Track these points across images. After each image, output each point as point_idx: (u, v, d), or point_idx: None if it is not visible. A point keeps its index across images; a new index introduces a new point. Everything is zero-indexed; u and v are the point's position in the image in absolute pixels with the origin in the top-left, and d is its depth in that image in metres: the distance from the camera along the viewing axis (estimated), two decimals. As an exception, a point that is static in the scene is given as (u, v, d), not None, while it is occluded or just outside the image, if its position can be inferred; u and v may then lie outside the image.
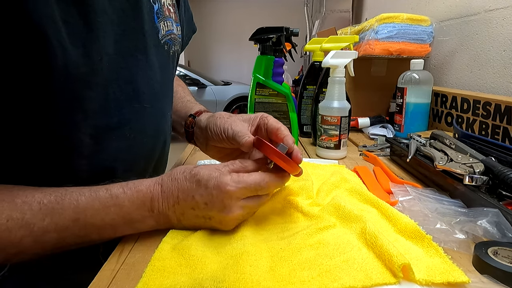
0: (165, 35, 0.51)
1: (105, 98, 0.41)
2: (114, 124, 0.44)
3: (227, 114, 0.53)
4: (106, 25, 0.39)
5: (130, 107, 0.46)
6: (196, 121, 0.58)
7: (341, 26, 1.48)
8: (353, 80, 1.02)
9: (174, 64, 0.59)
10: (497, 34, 0.83)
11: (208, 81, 5.03)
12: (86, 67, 0.37)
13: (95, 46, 0.38)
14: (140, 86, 0.47)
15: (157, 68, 0.50)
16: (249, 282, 0.31)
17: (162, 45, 0.51)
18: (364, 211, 0.46)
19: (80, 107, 0.39)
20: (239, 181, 0.39)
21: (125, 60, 0.43)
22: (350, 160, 0.75)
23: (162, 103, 0.54)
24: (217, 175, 0.39)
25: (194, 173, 0.40)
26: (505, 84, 0.81)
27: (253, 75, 0.75)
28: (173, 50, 0.55)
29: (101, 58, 0.39)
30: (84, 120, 0.40)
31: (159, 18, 0.49)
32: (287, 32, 0.74)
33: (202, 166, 0.41)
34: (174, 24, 0.54)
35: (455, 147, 0.57)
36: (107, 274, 0.34)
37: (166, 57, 0.53)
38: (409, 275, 0.32)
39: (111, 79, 0.42)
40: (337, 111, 0.72)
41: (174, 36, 0.55)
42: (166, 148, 0.60)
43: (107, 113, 0.43)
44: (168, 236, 0.41)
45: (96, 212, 0.37)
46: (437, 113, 0.93)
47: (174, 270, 0.35)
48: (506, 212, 0.40)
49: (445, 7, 1.05)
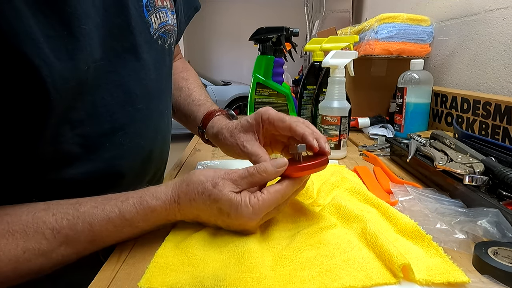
0: (158, 28, 0.48)
1: (93, 105, 0.40)
2: (106, 131, 0.42)
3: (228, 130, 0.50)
4: (92, 30, 0.37)
5: (123, 111, 0.43)
6: (206, 134, 0.57)
7: (341, 26, 1.48)
8: (353, 80, 1.02)
9: (171, 57, 0.55)
10: (497, 34, 0.83)
11: (208, 81, 5.03)
12: (74, 80, 0.35)
13: (82, 55, 0.36)
14: (132, 88, 0.44)
15: (151, 66, 0.47)
16: (250, 281, 0.32)
17: (155, 41, 0.48)
18: (364, 211, 0.46)
19: (66, 118, 0.37)
20: (260, 211, 0.37)
21: (112, 63, 0.41)
22: (350, 160, 0.75)
23: (158, 102, 0.51)
24: (237, 205, 0.37)
25: (214, 199, 0.37)
26: (505, 84, 0.81)
27: (253, 75, 0.75)
28: (169, 43, 0.52)
29: (88, 67, 0.37)
30: (70, 131, 0.38)
31: (150, 11, 0.46)
32: (287, 32, 0.74)
33: (220, 183, 0.37)
34: (169, 13, 0.51)
35: (455, 147, 0.57)
36: (107, 274, 0.35)
37: (160, 53, 0.50)
38: (409, 275, 0.32)
39: (98, 85, 0.40)
40: (337, 111, 0.72)
41: (170, 27, 0.51)
42: (165, 147, 0.58)
43: (97, 121, 0.41)
44: (171, 234, 0.41)
45: (111, 234, 0.37)
46: (437, 113, 0.93)
47: (176, 267, 0.35)
48: (506, 212, 0.40)
49: (445, 7, 1.05)
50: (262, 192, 0.38)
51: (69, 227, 0.35)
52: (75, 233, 0.35)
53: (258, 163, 0.39)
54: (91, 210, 0.36)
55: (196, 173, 0.39)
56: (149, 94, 0.48)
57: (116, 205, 0.37)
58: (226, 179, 0.38)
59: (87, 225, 0.35)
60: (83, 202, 0.37)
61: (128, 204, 0.37)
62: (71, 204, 0.36)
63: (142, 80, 0.46)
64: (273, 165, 0.38)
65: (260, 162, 0.41)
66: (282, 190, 0.38)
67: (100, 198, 0.38)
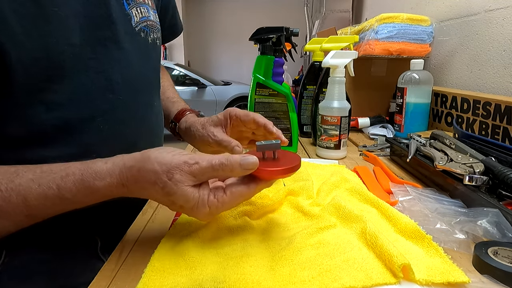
0: (140, 22, 0.49)
1: (73, 90, 0.40)
2: (85, 116, 0.42)
3: (200, 123, 0.55)
4: (69, 17, 0.38)
5: (103, 98, 0.44)
6: (178, 127, 0.60)
7: (341, 26, 1.48)
8: (353, 80, 1.02)
9: (158, 52, 0.57)
10: (497, 34, 0.83)
11: (208, 81, 5.03)
12: (46, 59, 0.36)
13: (55, 38, 0.36)
14: (113, 76, 0.45)
15: (133, 56, 0.48)
16: (250, 282, 0.32)
17: (137, 33, 0.49)
18: (364, 211, 0.46)
19: (41, 100, 0.37)
20: (217, 212, 0.35)
21: (93, 50, 0.42)
22: (350, 160, 0.75)
23: (144, 94, 0.52)
24: (193, 203, 0.34)
25: (168, 192, 0.34)
26: (505, 84, 0.81)
27: (253, 75, 0.75)
28: (152, 38, 0.53)
29: (63, 50, 0.38)
30: (47, 113, 0.38)
31: (130, 4, 0.48)
32: (287, 32, 0.74)
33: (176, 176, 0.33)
34: (150, 10, 0.53)
35: (455, 147, 0.57)
36: (107, 274, 0.35)
37: (143, 45, 0.51)
38: (409, 275, 0.32)
39: (78, 70, 0.40)
40: (337, 111, 0.72)
41: (152, 23, 0.53)
42: (155, 142, 0.57)
43: (77, 105, 0.41)
44: (166, 236, 0.41)
45: (49, 209, 0.35)
46: (437, 113, 0.93)
47: (173, 271, 0.35)
48: (506, 212, 0.40)
49: (445, 7, 1.05)
50: (224, 193, 0.35)
51: (2, 199, 0.33)
52: (9, 206, 0.33)
53: (226, 158, 0.35)
54: (27, 183, 0.34)
55: (151, 159, 0.34)
56: (132, 84, 0.49)
57: (54, 181, 0.34)
58: (185, 171, 0.34)
59: (22, 199, 0.33)
60: (21, 172, 0.34)
61: (68, 181, 0.34)
62: (9, 174, 0.34)
63: (124, 69, 0.47)
64: (241, 165, 0.34)
65: (231, 146, 0.44)
66: (247, 194, 0.36)
67: (39, 170, 0.35)
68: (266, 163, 0.37)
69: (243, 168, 0.34)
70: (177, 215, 0.47)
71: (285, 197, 0.50)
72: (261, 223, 0.44)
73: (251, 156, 0.35)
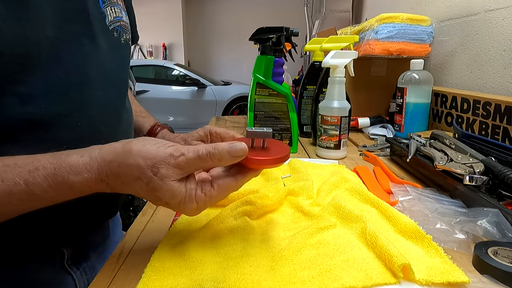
0: (114, 21, 0.49)
1: (47, 82, 0.38)
2: (61, 111, 0.40)
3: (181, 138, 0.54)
4: (46, 6, 0.36)
5: (79, 93, 0.42)
6: None
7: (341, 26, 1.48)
8: (353, 80, 1.02)
9: (128, 53, 0.55)
10: (497, 34, 0.83)
11: (208, 81, 5.03)
12: (22, 48, 0.34)
13: (32, 26, 0.35)
14: (89, 71, 0.44)
15: (108, 54, 0.47)
16: (250, 282, 0.32)
17: (110, 32, 0.48)
18: (364, 211, 0.46)
19: (13, 91, 0.36)
20: (205, 206, 0.34)
21: (67, 43, 0.40)
22: (350, 160, 0.75)
23: (118, 91, 0.51)
24: (180, 198, 0.32)
25: (153, 188, 0.31)
26: (505, 84, 0.81)
27: (253, 75, 0.75)
28: (125, 38, 0.52)
29: (39, 41, 0.36)
30: (20, 106, 0.36)
31: (105, 3, 0.47)
32: (287, 32, 0.74)
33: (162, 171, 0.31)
34: (122, 11, 0.52)
35: (455, 147, 0.57)
36: (107, 274, 0.35)
37: (117, 45, 0.50)
38: (409, 275, 0.32)
39: (52, 62, 0.39)
40: (337, 111, 0.72)
41: (124, 23, 0.52)
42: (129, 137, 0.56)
43: (52, 99, 0.39)
44: (166, 236, 0.41)
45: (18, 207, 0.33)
46: (437, 113, 0.93)
47: (173, 271, 0.35)
48: (506, 212, 0.40)
49: (445, 7, 1.05)
50: (212, 187, 0.34)
51: None
52: None
53: (213, 146, 0.33)
54: None
55: (133, 152, 0.32)
56: (108, 81, 0.48)
57: (21, 176, 0.31)
58: (171, 165, 0.31)
59: None
60: None
61: (37, 175, 0.31)
62: None
63: (100, 66, 0.46)
64: (230, 152, 0.32)
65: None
66: (234, 186, 0.34)
67: (1, 163, 0.31)
68: (255, 152, 0.35)
69: (231, 156, 0.33)
70: (177, 215, 0.47)
71: (285, 197, 0.50)
72: (261, 223, 0.44)
73: (239, 143, 0.33)
